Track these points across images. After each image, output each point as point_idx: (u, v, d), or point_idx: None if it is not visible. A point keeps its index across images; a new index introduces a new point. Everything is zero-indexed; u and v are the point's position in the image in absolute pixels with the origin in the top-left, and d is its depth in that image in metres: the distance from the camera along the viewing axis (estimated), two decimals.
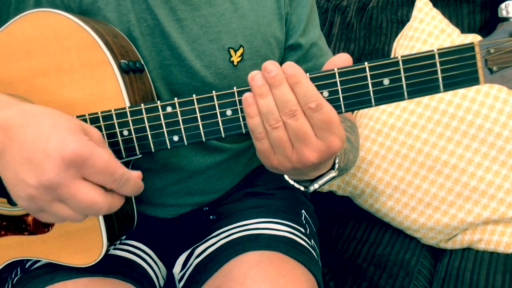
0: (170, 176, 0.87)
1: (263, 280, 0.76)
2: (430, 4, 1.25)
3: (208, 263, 0.83)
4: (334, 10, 1.42)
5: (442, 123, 1.12)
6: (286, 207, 0.94)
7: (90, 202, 0.57)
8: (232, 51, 0.82)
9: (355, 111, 1.28)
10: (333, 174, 0.69)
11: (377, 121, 1.17)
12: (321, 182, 0.69)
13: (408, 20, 1.30)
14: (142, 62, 0.76)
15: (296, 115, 0.59)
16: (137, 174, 0.61)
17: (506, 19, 0.58)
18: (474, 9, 1.28)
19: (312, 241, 0.92)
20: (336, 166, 0.70)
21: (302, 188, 0.72)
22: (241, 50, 0.82)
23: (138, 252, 0.88)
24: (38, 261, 0.82)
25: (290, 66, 0.60)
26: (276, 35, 0.86)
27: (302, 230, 0.91)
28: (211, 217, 0.94)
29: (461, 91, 1.12)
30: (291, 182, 0.72)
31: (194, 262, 0.87)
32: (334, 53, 1.38)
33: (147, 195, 0.88)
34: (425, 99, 1.14)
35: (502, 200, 1.07)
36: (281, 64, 0.89)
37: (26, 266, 0.83)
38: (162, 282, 0.92)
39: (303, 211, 0.97)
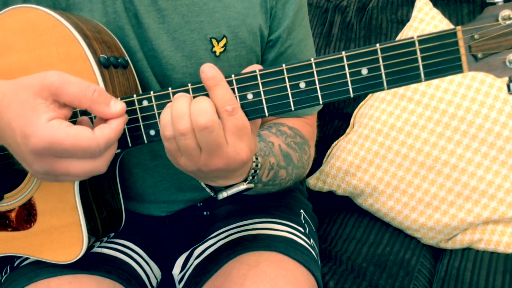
0: (160, 172, 0.86)
1: (262, 280, 0.76)
2: (430, 4, 1.25)
3: (208, 264, 0.84)
4: (334, 10, 1.42)
5: (442, 122, 1.12)
6: (285, 207, 0.94)
7: (85, 172, 0.60)
8: (214, 41, 0.80)
9: (359, 112, 1.28)
10: (243, 186, 0.68)
11: (377, 121, 1.17)
12: (230, 192, 0.68)
13: (408, 20, 1.30)
14: (127, 58, 0.76)
15: (213, 130, 0.57)
16: (116, 113, 0.61)
17: (493, 4, 0.55)
18: (474, 9, 1.28)
19: (311, 240, 0.92)
20: (249, 178, 0.69)
21: (211, 194, 0.71)
22: (224, 41, 0.81)
23: (126, 251, 0.88)
24: (26, 258, 0.82)
25: (211, 67, 0.60)
26: (261, 28, 0.84)
27: (301, 229, 0.91)
28: (204, 213, 0.94)
29: (461, 90, 1.12)
30: (203, 185, 0.71)
31: (193, 263, 0.87)
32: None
33: (139, 192, 0.88)
34: (425, 99, 1.14)
35: (502, 200, 1.07)
36: (262, 60, 0.88)
37: (15, 264, 0.83)
38: (154, 282, 0.92)
39: (301, 210, 0.97)
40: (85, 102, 0.59)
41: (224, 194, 0.68)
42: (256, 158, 0.70)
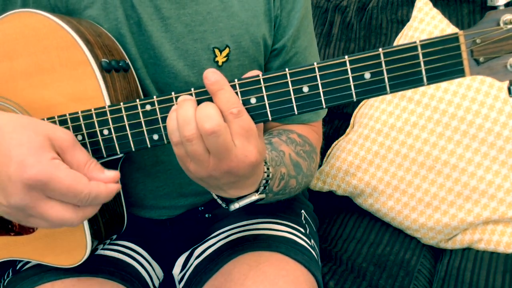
0: (161, 177, 0.86)
1: (262, 281, 0.76)
2: (430, 4, 1.25)
3: (208, 264, 0.84)
4: (334, 10, 1.43)
5: (442, 122, 1.12)
6: (286, 207, 0.94)
7: (60, 220, 0.59)
8: (217, 51, 0.80)
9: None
10: (255, 197, 0.68)
11: (377, 121, 1.17)
12: (242, 202, 0.68)
13: (408, 20, 1.30)
14: (128, 61, 0.76)
15: (220, 135, 0.57)
16: (111, 178, 0.61)
17: (494, 8, 0.56)
18: (474, 9, 1.27)
19: (312, 241, 0.92)
20: (261, 189, 0.69)
21: (223, 205, 0.71)
22: (227, 50, 0.81)
23: (129, 252, 0.88)
24: (28, 262, 0.82)
25: (214, 73, 0.59)
26: (265, 37, 0.84)
27: (302, 230, 0.91)
28: (206, 215, 0.94)
29: (461, 90, 1.12)
30: (214, 196, 0.71)
31: (193, 263, 0.87)
32: (334, 53, 1.39)
33: (140, 197, 0.88)
34: (425, 99, 1.14)
35: (502, 200, 1.07)
36: (265, 68, 0.88)
37: (17, 268, 0.83)
38: (157, 283, 0.92)
39: (302, 211, 0.97)
40: (83, 171, 0.60)
41: (236, 205, 0.68)
42: (268, 169, 0.70)
